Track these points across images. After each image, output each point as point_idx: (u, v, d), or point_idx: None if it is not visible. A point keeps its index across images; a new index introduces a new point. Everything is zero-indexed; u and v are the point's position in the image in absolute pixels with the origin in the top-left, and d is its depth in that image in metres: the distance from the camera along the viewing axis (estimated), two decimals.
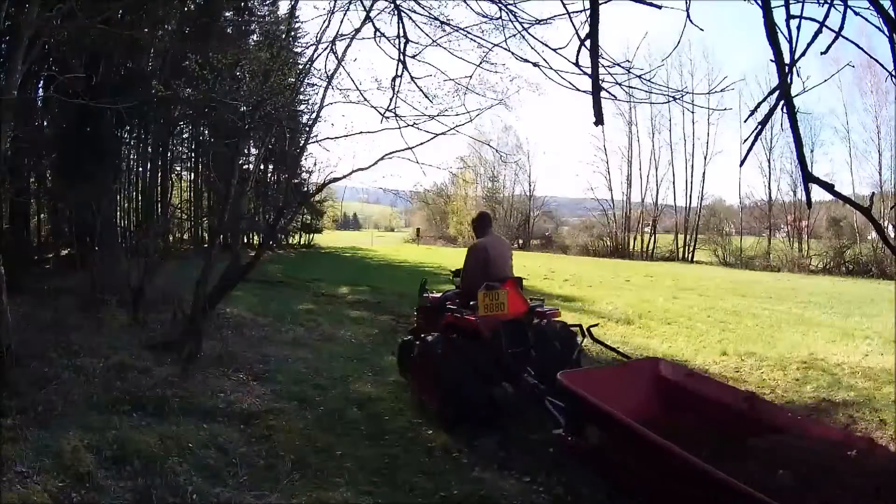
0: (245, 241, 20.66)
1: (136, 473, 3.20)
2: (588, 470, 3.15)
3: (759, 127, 1.50)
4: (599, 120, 1.53)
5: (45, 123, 13.50)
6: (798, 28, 1.47)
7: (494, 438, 4.17)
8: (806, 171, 1.52)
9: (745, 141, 1.58)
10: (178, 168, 20.95)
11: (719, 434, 2.71)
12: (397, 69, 4.07)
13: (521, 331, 4.16)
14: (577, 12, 1.95)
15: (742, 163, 9.80)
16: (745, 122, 1.70)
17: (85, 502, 2.91)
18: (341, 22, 12.64)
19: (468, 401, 4.00)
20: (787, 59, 1.47)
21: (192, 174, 21.41)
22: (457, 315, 4.34)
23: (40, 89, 11.73)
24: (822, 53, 1.49)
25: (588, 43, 1.59)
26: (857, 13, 1.57)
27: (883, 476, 2.19)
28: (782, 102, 1.48)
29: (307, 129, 13.68)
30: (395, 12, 3.99)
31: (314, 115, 8.21)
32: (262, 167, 21.48)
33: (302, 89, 10.62)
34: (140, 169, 18.11)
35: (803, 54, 1.48)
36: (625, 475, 2.71)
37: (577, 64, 1.73)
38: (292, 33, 10.45)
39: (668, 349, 7.38)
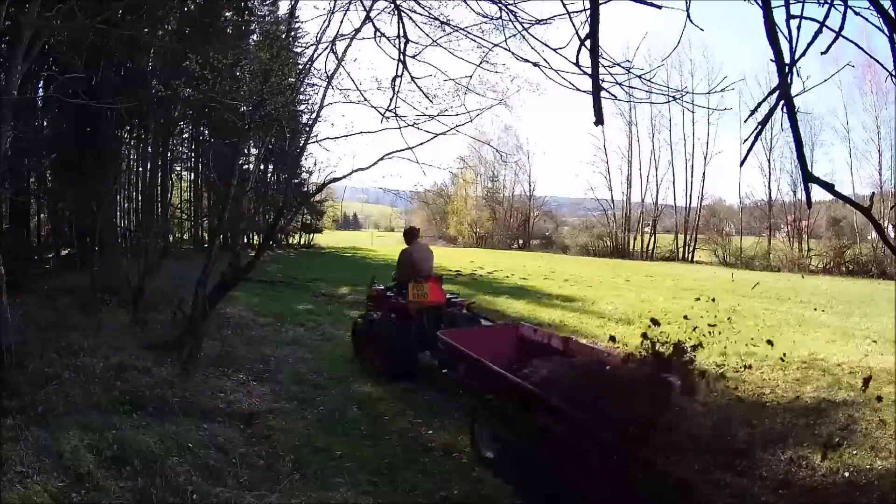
0: (245, 241, 20.65)
1: (136, 473, 3.19)
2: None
3: (759, 127, 1.50)
4: (599, 120, 1.53)
5: (45, 123, 13.49)
6: (798, 28, 1.47)
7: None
8: (806, 171, 1.52)
9: (745, 141, 1.58)
10: (178, 168, 20.95)
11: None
12: (397, 69, 4.06)
13: (438, 314, 5.65)
14: (577, 12, 1.95)
15: (742, 163, 9.78)
16: (745, 122, 1.70)
17: (85, 502, 2.91)
18: (341, 22, 12.53)
19: (399, 358, 5.40)
20: (787, 59, 1.47)
21: (192, 174, 21.40)
22: (394, 301, 5.83)
23: (40, 89, 11.73)
24: (822, 53, 1.49)
25: (588, 43, 1.59)
26: (857, 13, 1.57)
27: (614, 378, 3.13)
28: (782, 102, 1.48)
29: (307, 129, 13.65)
30: (395, 12, 3.99)
31: (314, 115, 8.19)
32: (262, 167, 21.46)
33: (302, 89, 10.60)
34: (140, 169, 18.10)
35: (803, 54, 1.49)
36: (474, 390, 4.02)
37: (577, 64, 1.73)
38: (292, 33, 10.44)
39: (668, 349, 7.36)
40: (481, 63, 4.76)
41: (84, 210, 8.75)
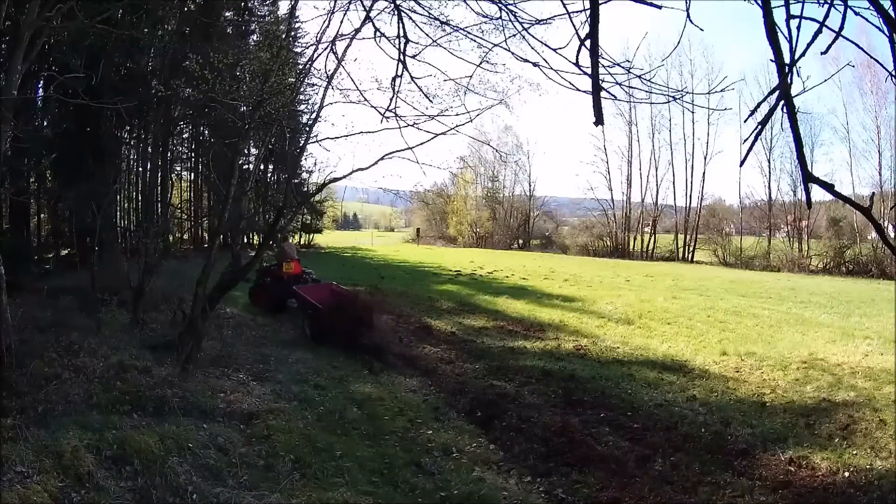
0: (245, 241, 20.64)
1: (136, 473, 3.20)
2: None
3: (759, 127, 1.50)
4: (599, 120, 1.52)
5: (45, 123, 13.49)
6: (798, 28, 1.47)
7: (494, 438, 4.18)
8: (806, 171, 1.52)
9: (745, 141, 1.58)
10: (178, 168, 20.94)
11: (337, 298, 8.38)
12: (397, 69, 4.05)
13: (297, 279, 9.70)
14: (577, 12, 1.95)
15: (742, 163, 9.81)
16: (745, 122, 1.69)
17: (85, 502, 2.91)
18: (341, 22, 12.53)
19: (277, 303, 9.42)
20: (787, 59, 1.46)
21: (192, 174, 21.40)
22: (276, 272, 9.91)
23: (40, 89, 11.73)
24: (822, 53, 1.49)
25: (588, 43, 1.59)
26: (857, 13, 1.57)
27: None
28: (782, 102, 1.48)
29: (307, 129, 13.68)
30: (395, 12, 3.98)
31: (314, 115, 8.19)
32: (262, 167, 21.43)
33: (302, 89, 10.61)
34: (140, 169, 18.11)
35: (803, 54, 1.48)
36: (303, 310, 8.28)
37: (577, 64, 1.73)
38: (292, 33, 10.44)
39: (668, 349, 7.36)
40: (481, 63, 4.73)
41: (84, 210, 8.75)
